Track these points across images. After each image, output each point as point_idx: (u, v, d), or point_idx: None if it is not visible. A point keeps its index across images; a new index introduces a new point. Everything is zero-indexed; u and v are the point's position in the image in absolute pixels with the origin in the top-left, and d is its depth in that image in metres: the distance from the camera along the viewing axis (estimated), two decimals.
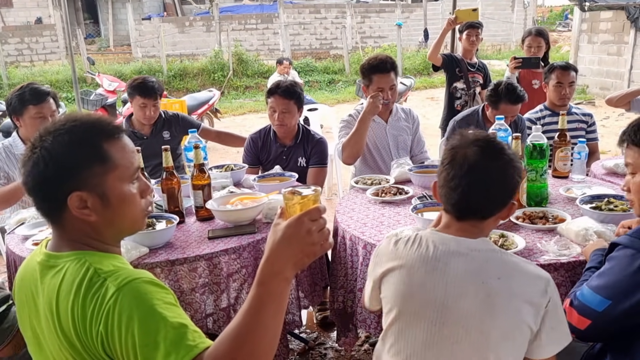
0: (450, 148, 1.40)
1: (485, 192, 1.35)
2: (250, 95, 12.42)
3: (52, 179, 1.07)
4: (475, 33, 4.28)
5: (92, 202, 1.08)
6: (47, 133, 1.09)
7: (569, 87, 3.19)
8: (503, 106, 2.90)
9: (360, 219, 2.22)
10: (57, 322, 1.04)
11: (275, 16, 16.30)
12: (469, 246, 1.34)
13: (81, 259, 1.07)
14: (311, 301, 2.38)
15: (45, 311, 1.08)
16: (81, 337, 1.01)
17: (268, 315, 0.93)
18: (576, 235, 1.82)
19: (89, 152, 1.08)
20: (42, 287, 1.10)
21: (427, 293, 1.32)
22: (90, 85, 10.76)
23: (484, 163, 1.34)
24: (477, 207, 1.37)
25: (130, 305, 0.97)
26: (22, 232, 2.23)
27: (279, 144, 3.05)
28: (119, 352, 0.97)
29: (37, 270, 1.13)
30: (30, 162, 1.08)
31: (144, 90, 3.14)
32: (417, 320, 1.34)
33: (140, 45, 15.38)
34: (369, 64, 2.93)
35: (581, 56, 11.08)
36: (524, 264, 1.35)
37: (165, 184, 2.24)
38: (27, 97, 2.68)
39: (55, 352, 1.08)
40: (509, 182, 1.37)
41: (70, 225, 1.11)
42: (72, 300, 1.02)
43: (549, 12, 27.22)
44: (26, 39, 14.65)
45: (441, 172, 1.40)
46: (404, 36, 14.98)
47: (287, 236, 0.93)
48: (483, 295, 1.29)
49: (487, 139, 1.40)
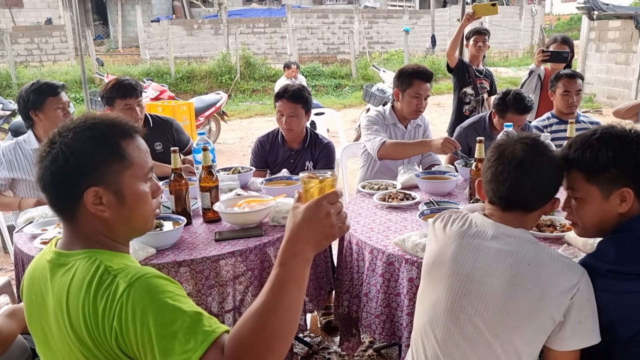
0: (497, 146, 1.48)
1: (532, 185, 1.41)
2: (257, 99, 12.47)
3: (72, 173, 1.08)
4: (482, 39, 4.28)
5: (107, 198, 1.10)
6: (66, 130, 1.11)
7: (576, 95, 3.21)
8: (510, 115, 2.90)
9: (367, 223, 2.23)
10: (67, 320, 1.05)
11: (283, 20, 16.36)
12: (507, 232, 1.42)
13: (92, 257, 1.08)
14: (316, 305, 2.38)
15: (55, 309, 1.09)
16: (93, 334, 1.01)
17: (290, 295, 0.94)
18: (584, 244, 1.82)
19: (108, 148, 1.11)
20: (52, 285, 1.11)
21: (456, 264, 1.42)
22: (98, 86, 10.81)
23: (531, 158, 1.42)
24: (525, 200, 1.43)
25: (143, 299, 0.98)
26: (31, 231, 2.24)
27: (287, 148, 3.05)
28: (134, 347, 0.97)
29: (46, 269, 1.13)
30: (49, 158, 1.10)
31: (123, 91, 2.91)
32: (442, 287, 1.43)
33: (148, 47, 15.46)
34: (412, 69, 2.99)
35: (589, 65, 11.06)
36: (559, 257, 1.38)
37: (174, 185, 2.24)
38: (45, 90, 2.71)
39: (65, 350, 1.08)
40: (554, 176, 1.44)
41: (84, 222, 1.12)
42: (82, 297, 1.03)
43: (557, 20, 27.18)
44: (36, 39, 14.76)
45: (488, 168, 1.48)
46: (411, 42, 15.01)
47: (307, 218, 0.96)
48: (509, 276, 1.35)
49: (533, 137, 1.48)
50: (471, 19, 4.06)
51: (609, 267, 1.34)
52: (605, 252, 1.38)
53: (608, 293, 1.33)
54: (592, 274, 1.35)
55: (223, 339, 0.95)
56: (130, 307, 0.97)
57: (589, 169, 1.40)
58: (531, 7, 20.02)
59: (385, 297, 1.96)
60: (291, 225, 0.97)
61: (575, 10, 13.63)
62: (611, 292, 1.33)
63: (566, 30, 23.04)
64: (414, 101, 2.95)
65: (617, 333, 1.33)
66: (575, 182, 1.44)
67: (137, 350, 0.97)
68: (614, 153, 1.37)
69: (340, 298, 2.26)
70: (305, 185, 1.03)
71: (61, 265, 1.11)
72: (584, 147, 1.41)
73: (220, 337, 0.95)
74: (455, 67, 4.29)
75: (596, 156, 1.38)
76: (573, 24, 23.64)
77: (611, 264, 1.34)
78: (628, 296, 1.32)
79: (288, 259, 0.95)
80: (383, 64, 13.40)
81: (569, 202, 1.49)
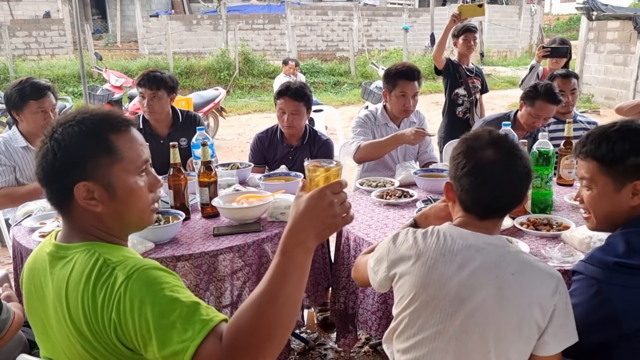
0: (467, 151, 1.40)
1: (513, 190, 1.38)
2: (255, 95, 12.46)
3: (60, 168, 1.10)
4: (472, 37, 4.17)
5: (98, 193, 1.11)
6: (58, 125, 1.13)
7: (571, 94, 3.20)
8: (539, 103, 2.87)
9: (365, 220, 2.24)
10: (66, 312, 1.06)
11: (282, 17, 16.33)
12: (486, 241, 1.37)
13: (90, 250, 1.09)
14: (313, 301, 2.39)
15: (54, 302, 1.09)
16: (92, 326, 1.02)
17: (290, 284, 0.94)
18: (580, 243, 1.83)
19: (95, 143, 1.11)
20: (51, 277, 1.11)
21: (443, 285, 1.34)
22: (97, 81, 10.79)
23: (507, 162, 1.37)
24: (506, 205, 1.40)
25: (141, 290, 0.98)
26: (29, 224, 2.24)
27: (286, 144, 3.06)
28: (133, 338, 0.98)
29: (46, 261, 1.14)
30: (41, 153, 1.11)
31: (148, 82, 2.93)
32: (431, 310, 1.35)
33: (147, 42, 15.41)
34: (396, 69, 2.98)
35: (587, 65, 11.08)
36: (536, 263, 1.37)
37: (172, 180, 2.25)
38: (27, 92, 2.66)
39: (64, 341, 1.09)
40: (528, 176, 1.41)
41: (79, 217, 1.13)
42: (82, 290, 1.03)
43: (556, 20, 27.21)
44: (34, 33, 14.69)
45: (463, 175, 1.39)
46: (411, 40, 15.00)
47: (310, 208, 0.94)
48: (495, 288, 1.31)
49: (502, 138, 1.42)
50: (457, 20, 3.92)
51: (617, 260, 1.35)
52: (614, 245, 1.39)
53: (614, 286, 1.34)
54: (601, 267, 1.36)
55: (221, 327, 0.95)
56: (128, 298, 0.98)
57: (604, 160, 1.43)
58: (530, 6, 20.02)
59: (381, 293, 1.97)
60: (294, 214, 0.96)
61: (574, 10, 13.65)
62: (617, 285, 1.34)
63: (565, 31, 23.09)
64: (400, 100, 2.96)
65: (620, 327, 1.33)
66: (590, 172, 1.46)
67: (135, 341, 0.98)
68: (630, 145, 1.40)
69: (336, 294, 2.27)
70: (310, 174, 1.01)
71: (60, 257, 1.12)
72: (601, 138, 1.44)
73: (218, 325, 0.95)
74: (444, 69, 4.15)
75: (612, 148, 1.41)
76: (572, 24, 23.68)
77: (619, 257, 1.35)
78: (634, 290, 1.33)
79: (290, 248, 0.95)
80: (382, 61, 13.39)
81: (582, 192, 1.51)
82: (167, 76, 3.01)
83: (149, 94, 2.95)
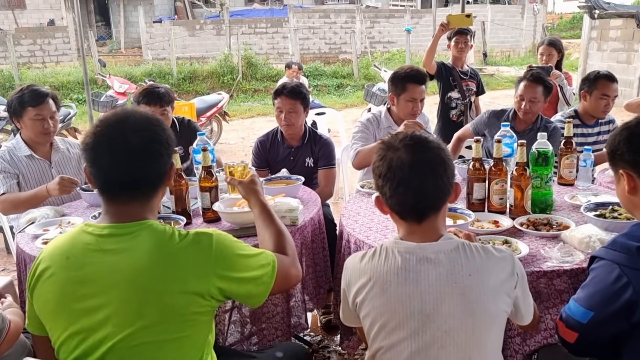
0: (381, 158, 1.39)
1: (434, 183, 1.35)
2: (259, 99, 12.49)
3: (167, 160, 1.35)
4: (464, 40, 4.15)
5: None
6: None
7: (612, 100, 3.10)
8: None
9: (365, 222, 2.24)
10: (143, 280, 1.21)
11: (285, 20, 16.38)
12: (434, 249, 1.35)
13: (154, 224, 1.28)
14: (315, 304, 2.40)
15: (122, 275, 1.21)
16: (180, 286, 1.21)
17: (271, 214, 1.64)
18: (579, 243, 1.83)
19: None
20: (111, 254, 1.23)
21: (406, 305, 1.32)
22: (101, 87, 10.87)
23: (420, 157, 1.36)
24: (434, 199, 1.37)
25: (226, 247, 1.31)
26: (32, 231, 2.26)
27: (286, 145, 3.08)
28: (227, 292, 1.28)
29: (95, 244, 1.25)
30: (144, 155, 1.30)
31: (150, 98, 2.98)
32: (401, 333, 1.33)
33: (150, 48, 15.51)
34: (405, 72, 2.97)
35: (590, 63, 11.04)
36: (485, 253, 1.35)
37: (174, 185, 2.27)
38: (26, 99, 2.69)
39: (126, 307, 1.21)
40: (448, 164, 1.38)
41: (155, 199, 1.34)
42: (166, 254, 1.23)
43: (559, 19, 27.14)
44: (38, 41, 14.81)
45: (383, 185, 1.38)
46: (413, 42, 15.00)
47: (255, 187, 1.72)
48: (458, 296, 1.30)
49: (411, 136, 1.40)
50: (445, 29, 3.93)
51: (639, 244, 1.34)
52: (637, 231, 1.38)
53: (637, 271, 1.31)
54: (623, 251, 1.34)
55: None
56: (215, 257, 1.26)
57: (608, 150, 1.50)
58: (533, 6, 20.00)
59: None
60: (258, 190, 1.73)
61: (577, 9, 13.61)
62: (637, 269, 1.31)
63: (568, 29, 23.04)
64: (409, 105, 2.97)
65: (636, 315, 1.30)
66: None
67: (228, 293, 1.30)
68: (627, 133, 1.43)
69: (338, 297, 2.27)
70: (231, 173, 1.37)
71: (121, 235, 1.25)
72: (616, 131, 1.49)
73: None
74: (436, 74, 4.14)
75: (613, 137, 1.47)
76: (575, 23, 23.63)
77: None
78: None
79: (261, 202, 1.69)
80: (385, 63, 13.41)
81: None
82: (165, 92, 3.06)
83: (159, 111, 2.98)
